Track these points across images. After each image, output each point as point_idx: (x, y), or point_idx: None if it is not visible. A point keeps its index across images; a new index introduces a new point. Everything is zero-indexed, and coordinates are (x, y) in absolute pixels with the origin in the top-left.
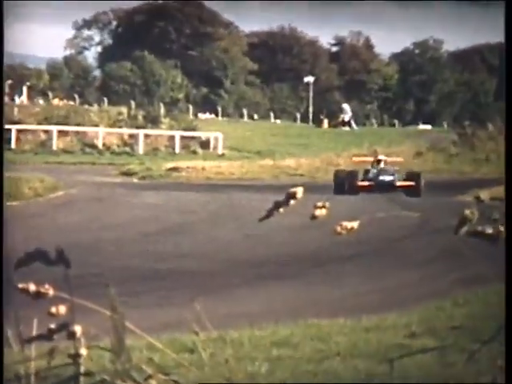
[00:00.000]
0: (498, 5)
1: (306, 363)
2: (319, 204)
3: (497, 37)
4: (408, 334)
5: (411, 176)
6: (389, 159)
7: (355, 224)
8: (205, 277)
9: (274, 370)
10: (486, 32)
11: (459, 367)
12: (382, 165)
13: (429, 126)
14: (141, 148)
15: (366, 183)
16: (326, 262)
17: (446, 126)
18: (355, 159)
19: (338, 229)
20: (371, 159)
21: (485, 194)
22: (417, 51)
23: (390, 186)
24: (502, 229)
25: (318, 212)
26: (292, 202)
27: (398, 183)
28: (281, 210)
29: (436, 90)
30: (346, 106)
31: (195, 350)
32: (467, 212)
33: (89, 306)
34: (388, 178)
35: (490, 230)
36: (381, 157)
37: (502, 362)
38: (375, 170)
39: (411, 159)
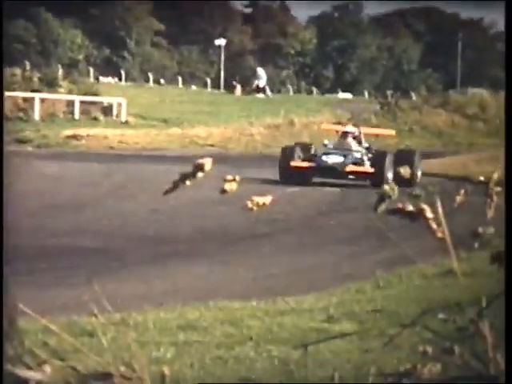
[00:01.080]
0: None
1: (216, 348)
2: (229, 177)
3: (422, 2)
4: (325, 317)
5: (377, 157)
6: (369, 131)
7: (267, 199)
8: (106, 255)
9: (180, 355)
10: None
11: (378, 352)
12: (349, 139)
13: (349, 95)
14: (36, 113)
15: (301, 164)
16: (237, 239)
17: (367, 94)
18: (325, 127)
19: (249, 204)
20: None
21: (406, 170)
22: (336, 14)
23: (335, 171)
24: (423, 206)
25: (227, 186)
26: (200, 174)
27: (349, 168)
28: (187, 182)
29: (356, 57)
30: (260, 71)
31: (95, 333)
32: (386, 187)
33: None
34: (334, 160)
35: (410, 208)
36: (349, 128)
37: (424, 347)
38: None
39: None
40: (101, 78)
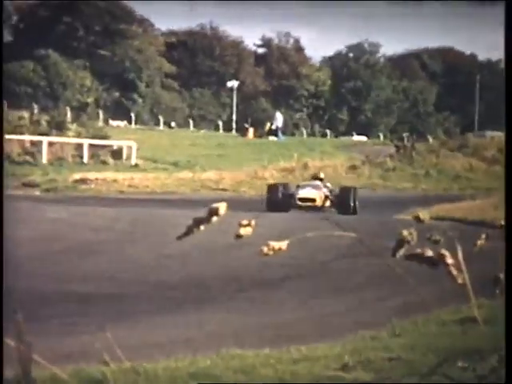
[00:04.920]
0: (433, 5)
1: None
2: (244, 222)
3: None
4: (340, 365)
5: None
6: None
7: (283, 244)
8: (115, 302)
9: None
10: (425, 35)
11: None
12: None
13: (364, 138)
14: (44, 157)
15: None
16: (250, 286)
17: (382, 137)
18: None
19: (265, 249)
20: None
21: (424, 214)
22: (351, 55)
23: (310, 200)
24: (443, 252)
25: (242, 231)
26: (214, 218)
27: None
28: (201, 227)
29: (372, 98)
30: (278, 115)
31: (104, 382)
32: (405, 233)
33: None
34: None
35: (429, 253)
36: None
37: None
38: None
39: (344, 173)
40: (110, 121)
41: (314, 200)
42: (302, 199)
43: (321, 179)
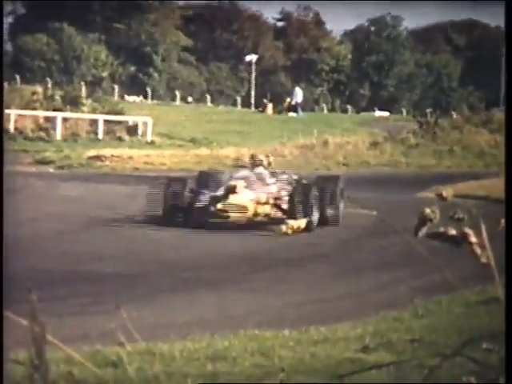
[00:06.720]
0: None
1: (246, 380)
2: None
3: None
4: (361, 347)
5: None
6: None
7: (303, 222)
8: (131, 281)
9: None
10: (449, 8)
11: None
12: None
13: (386, 113)
14: (58, 133)
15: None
16: (269, 265)
17: (404, 113)
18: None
19: (284, 228)
20: None
21: (448, 191)
22: (372, 28)
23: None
24: (467, 230)
25: (260, 209)
26: (231, 196)
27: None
28: (218, 205)
29: (394, 73)
30: (298, 90)
31: (120, 363)
32: (428, 211)
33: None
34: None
35: (453, 232)
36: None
37: (468, 379)
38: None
39: (365, 150)
40: (126, 96)
41: (244, 209)
42: (222, 210)
43: (267, 165)
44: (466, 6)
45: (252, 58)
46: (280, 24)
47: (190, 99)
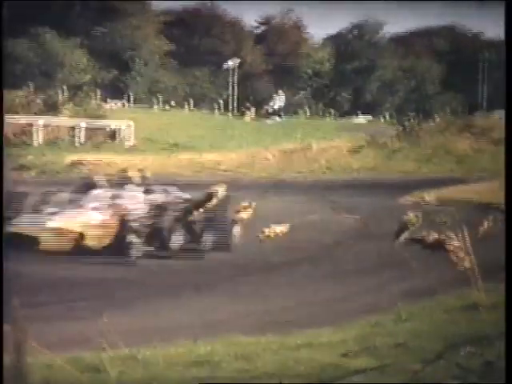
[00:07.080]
0: None
1: None
2: (244, 204)
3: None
4: (344, 352)
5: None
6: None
7: (285, 227)
8: (114, 287)
9: None
10: (431, 14)
11: None
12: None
13: (369, 117)
14: (40, 138)
15: None
16: (252, 270)
17: (387, 116)
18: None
19: (266, 232)
20: None
21: (430, 196)
22: (355, 33)
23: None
24: (449, 235)
25: (242, 213)
26: (213, 201)
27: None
28: (200, 210)
29: (376, 77)
30: (280, 94)
31: (102, 368)
32: (409, 216)
33: None
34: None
35: (433, 237)
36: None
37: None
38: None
39: (348, 154)
40: (107, 101)
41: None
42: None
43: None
44: (447, 11)
45: (233, 62)
46: (261, 28)
47: (172, 103)
